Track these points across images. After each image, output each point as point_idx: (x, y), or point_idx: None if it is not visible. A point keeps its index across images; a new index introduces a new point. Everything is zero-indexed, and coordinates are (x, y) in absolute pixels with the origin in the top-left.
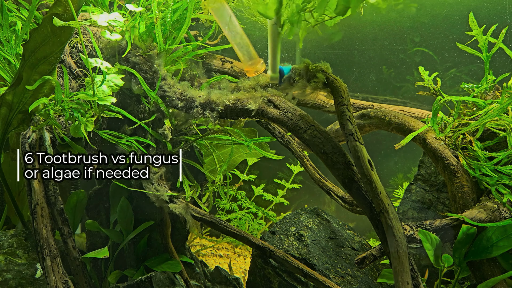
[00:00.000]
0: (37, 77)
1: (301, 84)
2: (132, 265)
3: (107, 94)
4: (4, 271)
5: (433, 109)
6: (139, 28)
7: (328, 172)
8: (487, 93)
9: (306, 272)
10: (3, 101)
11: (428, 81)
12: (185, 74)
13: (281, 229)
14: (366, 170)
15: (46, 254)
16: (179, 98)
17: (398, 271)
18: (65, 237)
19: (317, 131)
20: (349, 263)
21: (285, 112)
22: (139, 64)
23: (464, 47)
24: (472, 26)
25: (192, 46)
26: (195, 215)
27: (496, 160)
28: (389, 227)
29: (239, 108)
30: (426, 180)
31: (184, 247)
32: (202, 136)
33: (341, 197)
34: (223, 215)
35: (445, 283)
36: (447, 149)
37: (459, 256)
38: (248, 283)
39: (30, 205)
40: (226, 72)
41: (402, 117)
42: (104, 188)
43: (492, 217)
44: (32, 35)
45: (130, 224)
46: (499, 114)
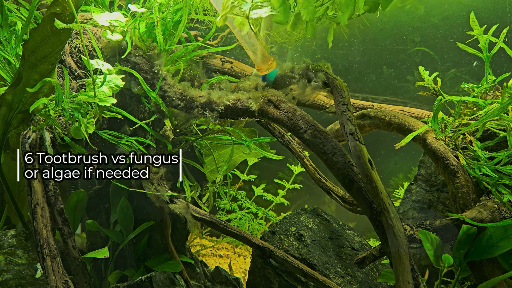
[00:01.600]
0: (37, 77)
1: (302, 84)
2: (132, 265)
3: (108, 95)
4: (4, 271)
5: (433, 109)
6: (139, 29)
7: (328, 172)
8: (487, 93)
9: (306, 272)
10: (3, 101)
11: (428, 81)
12: (185, 74)
13: (281, 229)
14: (367, 170)
15: (46, 254)
16: (179, 98)
17: (399, 271)
18: (65, 237)
19: (317, 131)
20: (349, 263)
21: (285, 112)
22: (139, 64)
23: (464, 47)
24: (473, 26)
25: (193, 46)
26: (195, 215)
27: (496, 160)
28: (390, 226)
29: (239, 108)
30: (426, 180)
31: (184, 247)
32: (202, 136)
33: (341, 197)
34: (223, 215)
35: (445, 283)
36: (447, 149)
37: (459, 256)
38: (248, 283)
39: (30, 205)
40: (226, 72)
41: (402, 117)
42: (104, 188)
43: (492, 217)
44: (32, 35)
45: (130, 224)
46: (499, 114)
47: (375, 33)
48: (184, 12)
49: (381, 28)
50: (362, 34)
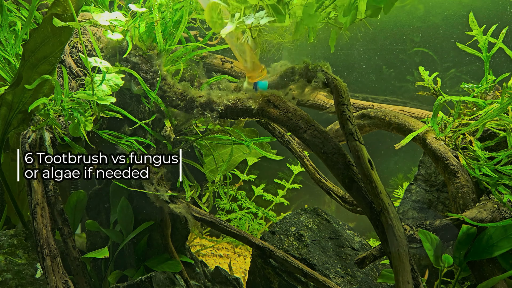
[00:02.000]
0: (37, 77)
1: (301, 84)
2: (132, 265)
3: (107, 93)
4: (4, 271)
5: (433, 109)
6: (139, 28)
7: (328, 172)
8: (487, 93)
9: (306, 272)
10: (3, 101)
11: (428, 81)
12: (185, 74)
13: (281, 229)
14: (367, 170)
15: (46, 254)
16: (179, 98)
17: (399, 271)
18: (65, 237)
19: (317, 131)
20: (349, 263)
21: (285, 112)
22: (139, 64)
23: (464, 47)
24: (472, 26)
25: (192, 46)
26: (195, 215)
27: (496, 160)
28: (390, 226)
29: (239, 108)
30: (426, 180)
31: (184, 247)
32: (202, 136)
33: (341, 197)
34: (223, 215)
35: (445, 283)
36: (447, 149)
37: (459, 256)
38: (248, 283)
39: (30, 205)
40: (226, 72)
41: (402, 117)
42: (104, 188)
43: (492, 217)
44: (32, 35)
45: (130, 224)
46: (499, 114)
47: (375, 33)
48: (185, 13)
49: (381, 28)
50: (362, 34)
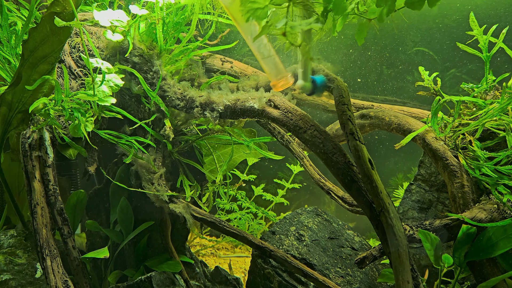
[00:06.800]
0: (36, 77)
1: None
2: (132, 265)
3: (107, 94)
4: (4, 271)
5: (432, 109)
6: (139, 28)
7: (328, 172)
8: (487, 93)
9: (306, 272)
10: (2, 100)
11: (428, 81)
12: (185, 74)
13: (281, 229)
14: (367, 170)
15: (46, 254)
16: (179, 98)
17: (399, 270)
18: (65, 237)
19: (317, 131)
20: (349, 263)
21: (285, 112)
22: (139, 64)
23: (464, 47)
24: (473, 26)
25: (193, 46)
26: (195, 215)
27: (496, 160)
28: (390, 226)
29: (239, 108)
30: (426, 180)
31: (184, 247)
32: (202, 136)
33: (341, 197)
34: (223, 215)
35: (445, 283)
36: (447, 149)
37: (459, 256)
38: (248, 283)
39: (30, 205)
40: (226, 72)
41: (402, 117)
42: (104, 188)
43: (492, 217)
44: (31, 35)
45: (130, 224)
46: (499, 114)
47: (375, 33)
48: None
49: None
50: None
